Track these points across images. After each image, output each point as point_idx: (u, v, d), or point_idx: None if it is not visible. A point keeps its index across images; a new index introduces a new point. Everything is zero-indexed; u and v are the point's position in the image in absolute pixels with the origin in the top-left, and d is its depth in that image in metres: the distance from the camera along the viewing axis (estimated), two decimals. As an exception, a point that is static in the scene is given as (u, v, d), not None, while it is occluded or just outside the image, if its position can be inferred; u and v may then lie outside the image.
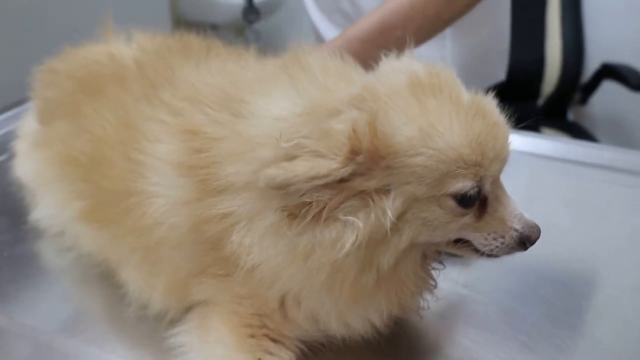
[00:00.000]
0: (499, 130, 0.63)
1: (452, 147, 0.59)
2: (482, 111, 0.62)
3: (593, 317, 0.82)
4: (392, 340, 0.73)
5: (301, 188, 0.58)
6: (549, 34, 2.41)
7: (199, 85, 0.76)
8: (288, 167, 0.58)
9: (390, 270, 0.63)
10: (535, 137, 1.26)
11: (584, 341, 0.78)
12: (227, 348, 0.68)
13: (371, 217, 0.59)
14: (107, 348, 0.74)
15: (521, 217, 0.65)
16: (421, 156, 0.59)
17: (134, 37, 0.94)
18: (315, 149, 0.58)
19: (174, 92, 0.77)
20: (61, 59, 0.96)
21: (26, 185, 0.96)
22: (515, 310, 0.82)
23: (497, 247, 0.65)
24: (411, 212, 0.61)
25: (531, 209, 0.67)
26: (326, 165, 0.57)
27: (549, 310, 0.82)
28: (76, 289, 0.86)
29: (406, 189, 0.60)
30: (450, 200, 0.61)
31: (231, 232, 0.65)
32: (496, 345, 0.76)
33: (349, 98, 0.63)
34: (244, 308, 0.70)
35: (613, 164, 1.16)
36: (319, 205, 0.59)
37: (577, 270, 0.91)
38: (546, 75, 2.43)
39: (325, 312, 0.67)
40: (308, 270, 0.62)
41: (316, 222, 0.60)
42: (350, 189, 0.59)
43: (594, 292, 0.88)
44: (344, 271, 0.62)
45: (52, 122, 0.90)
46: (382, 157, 0.59)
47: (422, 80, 0.63)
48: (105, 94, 0.83)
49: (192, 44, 0.91)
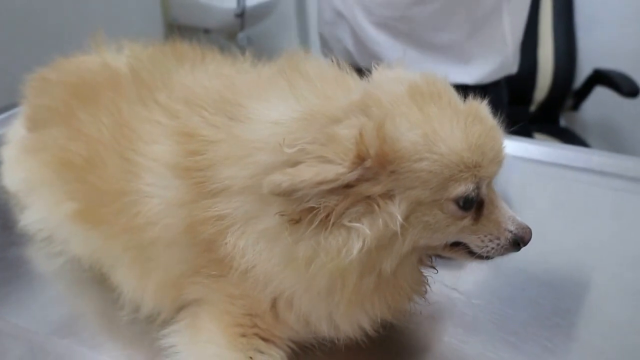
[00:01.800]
0: (496, 134, 0.65)
1: (454, 151, 0.61)
2: (479, 116, 0.65)
3: (580, 318, 0.83)
4: (381, 340, 0.74)
5: (307, 194, 0.59)
6: (541, 41, 2.43)
7: (195, 88, 0.77)
8: (294, 173, 0.58)
9: (390, 275, 0.65)
10: (526, 141, 1.27)
11: (571, 342, 0.79)
12: (219, 347, 0.68)
13: (378, 223, 0.60)
14: (100, 349, 0.74)
15: (514, 219, 0.67)
16: (426, 161, 0.60)
17: (125, 47, 0.95)
18: (321, 155, 0.59)
19: (170, 94, 0.78)
20: (53, 68, 0.97)
21: (14, 192, 0.96)
22: (503, 311, 0.83)
23: (492, 249, 0.67)
24: (414, 217, 0.62)
25: (521, 212, 0.69)
26: (333, 170, 0.58)
27: (536, 311, 0.83)
28: (68, 291, 0.86)
29: (411, 193, 0.61)
30: (452, 204, 0.63)
31: (226, 234, 0.66)
32: (484, 345, 0.77)
33: (350, 105, 0.63)
34: (236, 308, 0.70)
35: (602, 168, 1.18)
36: (325, 210, 0.60)
37: (565, 272, 0.92)
38: (538, 82, 2.45)
39: (317, 316, 0.68)
40: (309, 276, 0.63)
41: (322, 227, 0.60)
42: (355, 194, 0.60)
43: (581, 293, 0.89)
44: (346, 276, 0.63)
45: (44, 129, 0.90)
46: (389, 162, 0.60)
47: (421, 88, 0.64)
48: (99, 98, 0.84)
49: (186, 49, 0.92)
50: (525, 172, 1.19)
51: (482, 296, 0.85)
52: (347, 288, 0.63)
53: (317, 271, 0.62)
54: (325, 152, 0.59)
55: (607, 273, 0.92)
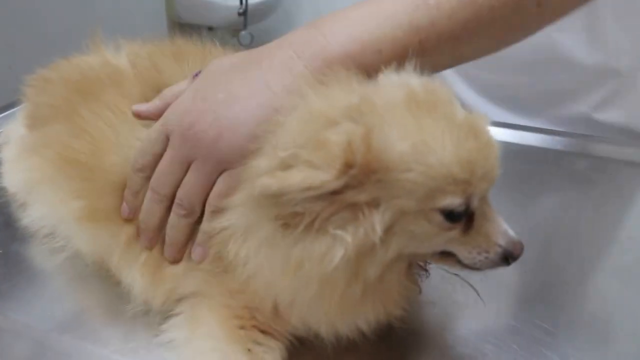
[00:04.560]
0: (490, 151, 0.64)
1: (443, 164, 0.60)
2: (475, 130, 0.63)
3: (584, 300, 0.84)
4: (382, 329, 0.73)
5: (294, 198, 0.59)
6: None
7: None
8: (283, 177, 0.59)
9: (376, 281, 0.64)
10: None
11: (572, 324, 0.79)
12: (217, 340, 0.68)
13: (360, 232, 0.60)
14: (102, 343, 0.75)
15: (506, 233, 0.66)
16: (412, 172, 0.60)
17: (124, 45, 0.95)
18: (310, 160, 0.59)
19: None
20: (53, 68, 0.96)
21: (15, 191, 0.96)
22: (504, 296, 0.83)
23: (480, 262, 0.66)
24: (399, 225, 0.62)
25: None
26: (319, 177, 0.58)
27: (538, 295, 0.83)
28: (70, 287, 0.87)
29: (396, 202, 0.61)
30: (438, 214, 0.62)
31: (228, 242, 0.67)
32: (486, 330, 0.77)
33: (347, 109, 0.63)
34: (235, 302, 0.71)
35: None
36: (310, 215, 0.60)
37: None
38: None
39: (315, 321, 0.69)
40: (298, 283, 0.63)
41: (307, 232, 0.61)
42: (341, 201, 0.60)
43: (586, 275, 0.89)
44: (333, 284, 0.63)
45: (45, 126, 0.90)
46: (373, 172, 0.60)
47: (418, 96, 0.64)
48: (101, 95, 0.84)
49: (185, 46, 0.92)
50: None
51: (483, 282, 0.84)
52: (335, 295, 0.64)
53: (305, 279, 0.62)
54: (314, 157, 0.59)
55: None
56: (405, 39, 0.70)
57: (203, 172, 0.69)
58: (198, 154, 0.69)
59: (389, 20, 0.71)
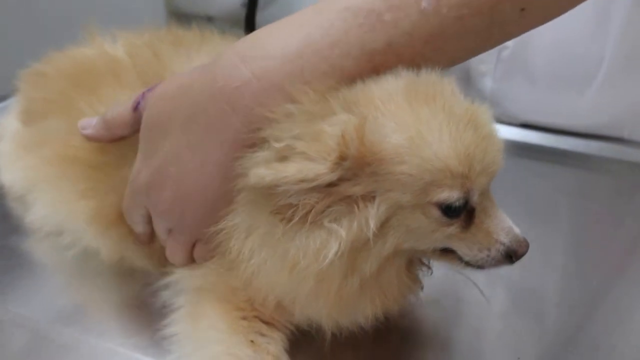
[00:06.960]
0: (490, 143, 0.63)
1: (438, 157, 0.59)
2: (475, 123, 0.62)
3: (589, 300, 0.82)
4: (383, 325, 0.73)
5: (289, 190, 0.58)
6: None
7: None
8: (278, 168, 0.58)
9: (372, 276, 0.63)
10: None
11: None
12: (220, 332, 0.68)
13: (354, 226, 0.59)
14: (104, 337, 0.74)
15: (510, 230, 0.64)
16: (406, 164, 0.58)
17: (120, 36, 0.93)
18: (305, 151, 0.58)
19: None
20: (47, 61, 0.95)
21: (14, 190, 0.94)
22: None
23: (482, 259, 0.65)
24: (396, 219, 0.61)
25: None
26: (314, 169, 0.57)
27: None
28: (72, 280, 0.86)
29: (391, 195, 0.60)
30: (435, 209, 0.61)
31: (231, 239, 0.66)
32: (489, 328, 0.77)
33: (345, 99, 0.62)
34: (237, 297, 0.70)
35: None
36: (305, 207, 0.59)
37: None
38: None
39: (316, 316, 0.68)
40: (296, 279, 0.62)
41: (302, 225, 0.60)
42: (336, 193, 0.59)
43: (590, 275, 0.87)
44: (329, 279, 0.62)
45: (41, 121, 0.89)
46: (367, 164, 0.59)
47: (418, 87, 0.62)
48: (99, 87, 0.83)
49: (182, 34, 0.91)
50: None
51: (487, 276, 0.83)
52: (331, 290, 0.63)
53: (302, 275, 0.62)
54: (309, 149, 0.58)
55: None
56: (356, 68, 0.63)
57: (181, 242, 0.73)
58: (172, 226, 0.73)
59: (337, 49, 0.62)
